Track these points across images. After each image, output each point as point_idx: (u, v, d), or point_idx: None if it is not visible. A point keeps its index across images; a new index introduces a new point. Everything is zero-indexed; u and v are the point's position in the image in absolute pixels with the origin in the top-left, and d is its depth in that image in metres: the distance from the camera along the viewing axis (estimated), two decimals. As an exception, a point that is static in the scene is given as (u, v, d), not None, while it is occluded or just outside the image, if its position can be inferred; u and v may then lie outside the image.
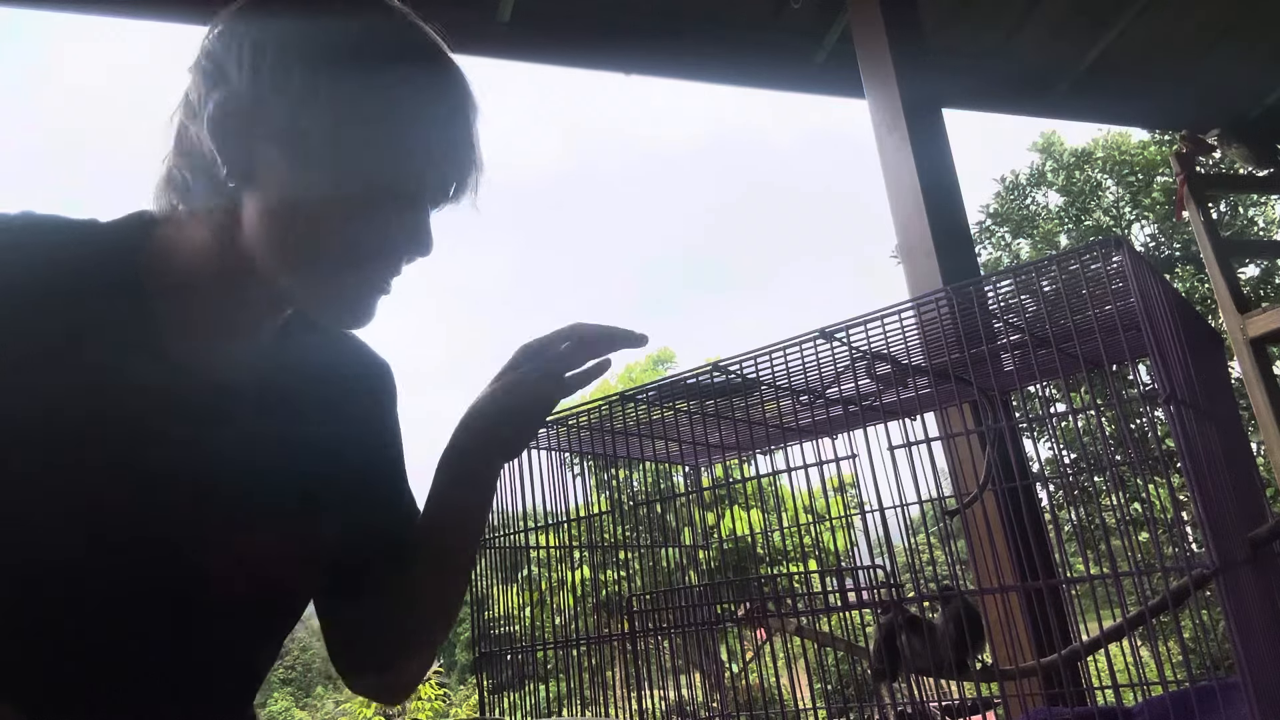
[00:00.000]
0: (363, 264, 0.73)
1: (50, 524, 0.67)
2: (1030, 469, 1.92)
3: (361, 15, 0.72)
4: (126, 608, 0.70)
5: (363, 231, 0.71)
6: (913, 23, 2.59)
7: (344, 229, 0.70)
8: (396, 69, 0.71)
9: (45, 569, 0.67)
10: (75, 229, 0.75)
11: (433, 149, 0.73)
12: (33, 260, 0.70)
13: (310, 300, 0.75)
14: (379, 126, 0.70)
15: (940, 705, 1.50)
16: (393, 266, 0.75)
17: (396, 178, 0.72)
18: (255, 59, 0.68)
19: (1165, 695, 1.23)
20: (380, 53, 0.71)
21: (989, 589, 1.41)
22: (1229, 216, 12.18)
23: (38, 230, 0.73)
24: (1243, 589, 1.04)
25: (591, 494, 1.65)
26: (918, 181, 2.34)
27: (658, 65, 3.07)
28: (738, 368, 1.34)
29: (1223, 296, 3.12)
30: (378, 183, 0.71)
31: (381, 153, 0.70)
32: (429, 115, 0.73)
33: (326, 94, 0.69)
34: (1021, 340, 1.32)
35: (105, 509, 0.69)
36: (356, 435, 0.88)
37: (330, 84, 0.69)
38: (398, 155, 0.71)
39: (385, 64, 0.71)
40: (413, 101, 0.72)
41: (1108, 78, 3.59)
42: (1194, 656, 2.66)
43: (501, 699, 1.55)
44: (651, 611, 1.52)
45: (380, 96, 0.70)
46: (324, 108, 0.69)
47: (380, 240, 0.73)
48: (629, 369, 15.18)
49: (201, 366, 0.75)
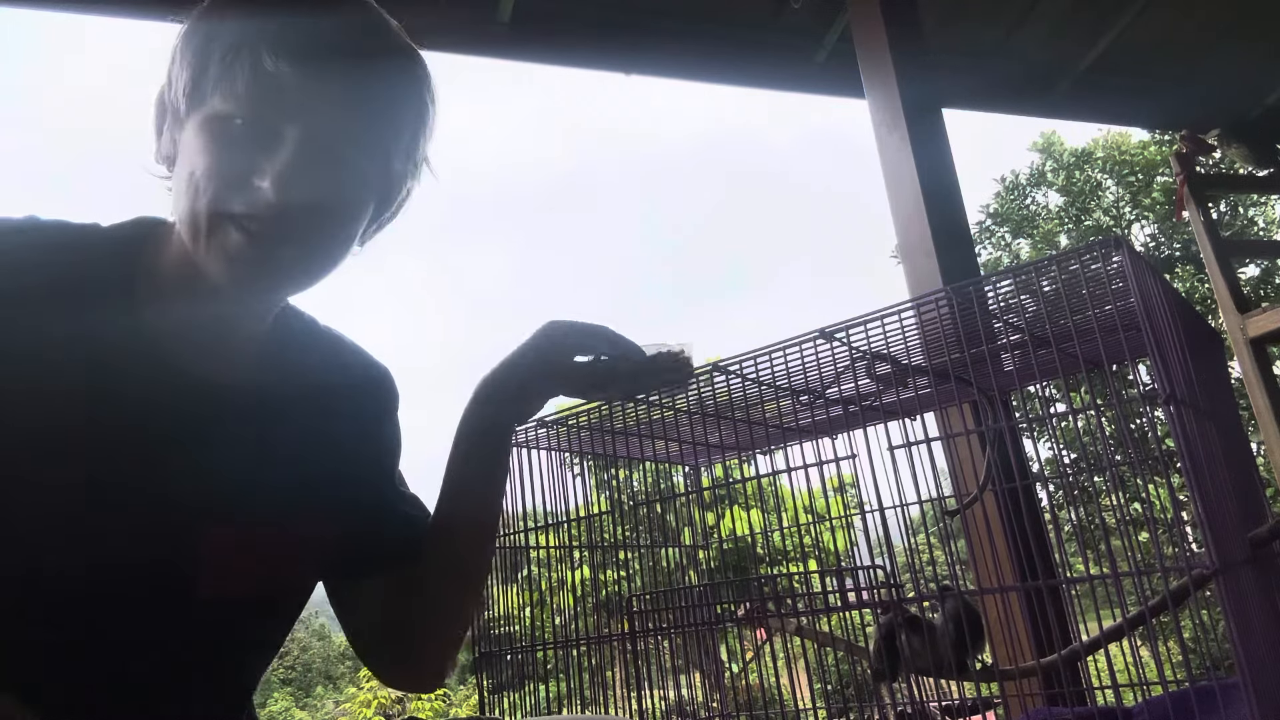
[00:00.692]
0: (227, 197, 0.69)
1: (43, 524, 0.67)
2: (1030, 469, 1.92)
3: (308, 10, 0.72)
4: (120, 608, 0.71)
5: (216, 161, 0.69)
6: (913, 23, 2.59)
7: (200, 165, 0.70)
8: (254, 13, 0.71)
9: (40, 570, 0.67)
10: (76, 233, 0.76)
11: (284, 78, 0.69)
12: (32, 263, 0.71)
13: (205, 258, 0.71)
14: (220, 61, 0.70)
15: (940, 705, 1.50)
16: (265, 205, 0.69)
17: (239, 102, 0.69)
18: (179, 53, 0.72)
19: (1165, 695, 1.23)
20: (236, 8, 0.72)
21: (989, 589, 1.41)
22: (1229, 216, 12.18)
23: (39, 234, 0.74)
24: (1243, 589, 1.04)
25: (591, 494, 1.66)
26: (918, 181, 2.34)
27: (658, 65, 3.07)
28: (738, 367, 1.34)
29: (1223, 296, 3.12)
30: (219, 112, 0.70)
31: (219, 82, 0.69)
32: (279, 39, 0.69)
33: (187, 53, 0.71)
34: (1021, 340, 1.32)
35: (96, 510, 0.69)
36: (353, 440, 0.88)
37: (191, 43, 0.71)
38: (236, 78, 0.69)
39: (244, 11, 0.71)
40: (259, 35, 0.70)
41: (1108, 78, 3.59)
42: (1194, 656, 2.66)
43: (501, 699, 1.55)
44: (651, 611, 1.52)
45: (231, 35, 0.70)
46: (184, 66, 0.71)
47: (239, 168, 0.69)
48: (629, 369, 15.18)
49: (193, 368, 0.76)
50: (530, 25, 2.77)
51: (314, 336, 0.88)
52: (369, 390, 0.92)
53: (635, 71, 3.07)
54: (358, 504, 0.87)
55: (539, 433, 1.57)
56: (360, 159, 0.74)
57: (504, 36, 2.75)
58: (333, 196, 0.73)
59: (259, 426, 0.79)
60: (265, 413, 0.80)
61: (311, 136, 0.70)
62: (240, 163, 0.69)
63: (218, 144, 0.69)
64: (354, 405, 0.89)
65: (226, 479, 0.75)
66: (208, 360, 0.77)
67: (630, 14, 2.90)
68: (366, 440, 0.91)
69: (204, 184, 0.69)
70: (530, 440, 1.57)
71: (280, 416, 0.81)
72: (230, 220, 0.69)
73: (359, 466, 0.88)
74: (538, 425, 1.55)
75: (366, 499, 0.88)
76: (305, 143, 0.70)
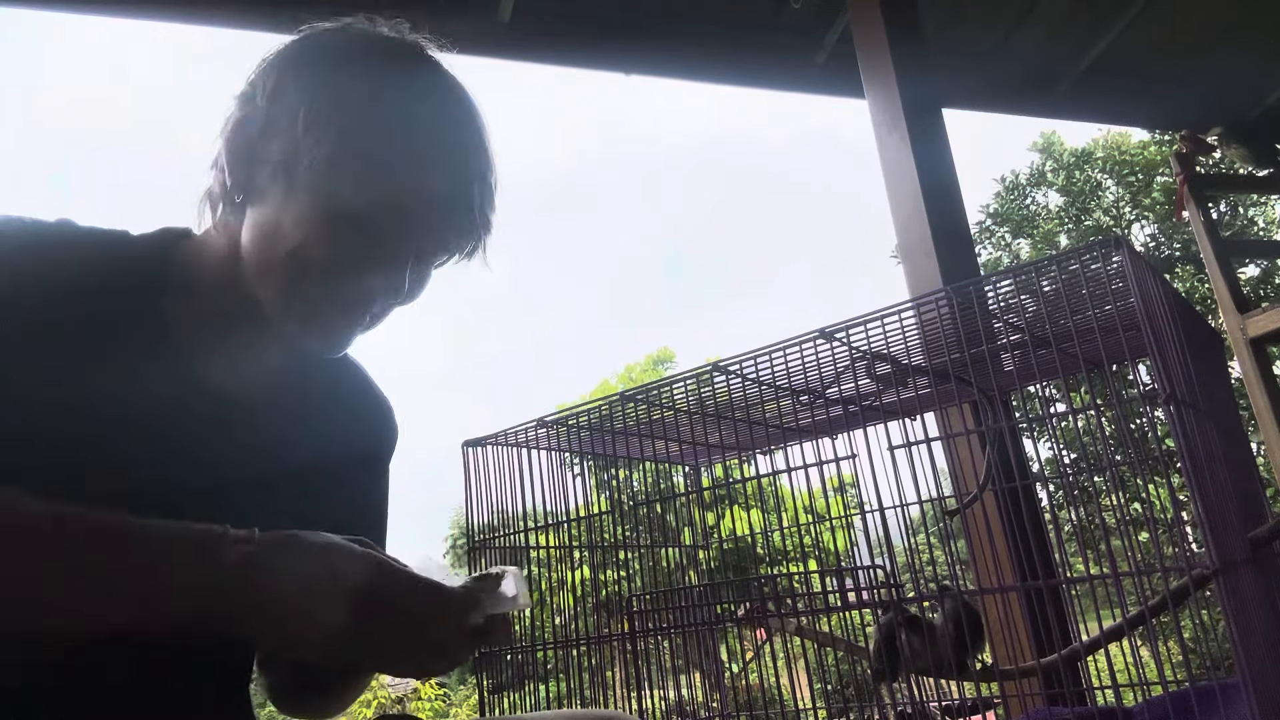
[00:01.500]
0: (336, 296, 0.75)
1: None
2: (1030, 469, 1.92)
3: (392, 66, 0.74)
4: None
5: (337, 264, 0.73)
6: (913, 23, 2.59)
7: (318, 258, 0.72)
8: (406, 122, 0.73)
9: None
10: (104, 239, 0.77)
11: (421, 204, 0.75)
12: (59, 266, 0.72)
13: (285, 318, 0.76)
14: (368, 167, 0.72)
15: (940, 705, 1.50)
16: (366, 305, 0.77)
17: (376, 220, 0.73)
18: (277, 88, 0.73)
19: (1165, 695, 1.23)
20: (393, 104, 0.73)
21: (989, 589, 1.41)
22: (1229, 216, 12.17)
23: (68, 237, 0.75)
24: (1243, 589, 1.04)
25: (591, 494, 1.65)
26: (918, 181, 2.34)
27: (658, 65, 3.07)
28: (738, 367, 1.34)
29: (1223, 296, 3.11)
30: (356, 219, 0.72)
31: (363, 192, 0.72)
32: (425, 172, 0.74)
33: (327, 128, 0.71)
34: (1021, 340, 1.32)
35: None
36: (351, 468, 0.89)
37: (332, 118, 0.71)
38: (380, 199, 0.72)
39: (395, 115, 0.73)
40: (409, 156, 0.73)
41: (1108, 78, 3.59)
42: (1194, 656, 2.66)
43: (501, 699, 1.55)
44: (651, 611, 1.52)
45: (379, 142, 0.72)
46: (322, 140, 0.71)
47: (356, 277, 0.74)
48: (629, 369, 15.18)
49: (206, 375, 0.77)
50: (530, 25, 2.77)
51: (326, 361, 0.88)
52: (375, 424, 0.94)
53: (635, 71, 3.07)
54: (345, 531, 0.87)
55: (539, 433, 1.57)
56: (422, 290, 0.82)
57: (504, 36, 2.75)
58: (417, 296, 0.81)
59: (263, 437, 0.80)
60: (271, 425, 0.81)
61: (423, 259, 0.78)
62: (363, 274, 0.74)
63: (344, 246, 0.73)
64: (359, 433, 0.91)
65: (226, 484, 0.76)
66: (218, 367, 0.78)
67: (630, 14, 2.89)
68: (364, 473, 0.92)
69: (319, 275, 0.73)
70: (530, 440, 1.57)
71: (286, 431, 0.82)
72: (350, 321, 0.76)
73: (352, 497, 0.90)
74: (538, 425, 1.55)
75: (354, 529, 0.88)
76: (418, 267, 0.77)
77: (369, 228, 0.73)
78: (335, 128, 0.71)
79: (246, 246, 0.75)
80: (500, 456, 1.57)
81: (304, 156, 0.71)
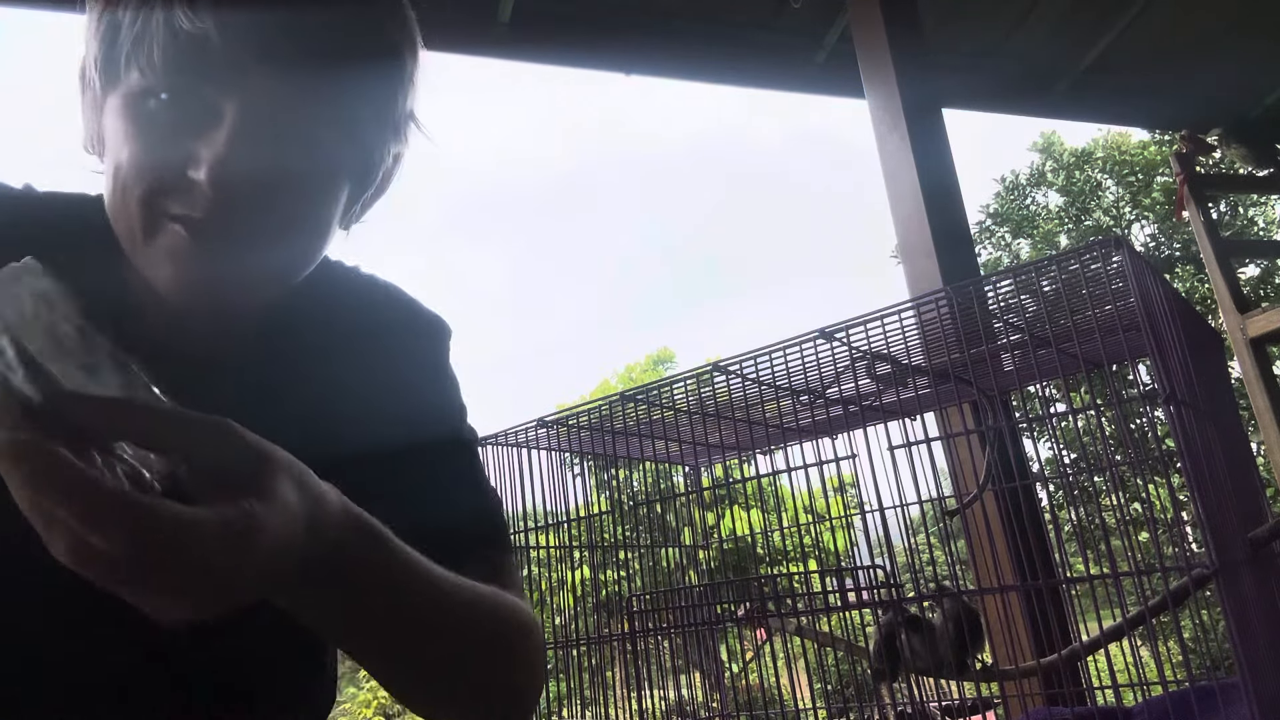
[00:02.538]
0: (155, 191, 0.60)
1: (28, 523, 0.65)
2: (1030, 469, 1.92)
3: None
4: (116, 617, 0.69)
5: (141, 149, 0.60)
6: (913, 23, 2.59)
7: (125, 157, 0.60)
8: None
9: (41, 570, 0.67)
10: (65, 201, 0.72)
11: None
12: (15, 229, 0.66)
13: (136, 260, 0.63)
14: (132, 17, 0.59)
15: (940, 705, 1.50)
16: (177, 183, 0.60)
17: (151, 56, 0.59)
18: (91, 15, 0.62)
19: (1165, 695, 1.23)
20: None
21: (989, 589, 1.41)
22: (1229, 216, 12.18)
23: (27, 201, 0.71)
24: (1243, 589, 1.04)
25: (591, 494, 1.66)
26: (918, 181, 2.34)
27: (658, 65, 3.07)
28: (738, 367, 1.34)
29: (1223, 296, 3.12)
30: (136, 75, 0.59)
31: (132, 43, 0.59)
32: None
33: (98, 28, 0.61)
34: (1021, 340, 1.32)
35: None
36: (382, 412, 0.75)
37: (110, 20, 0.60)
38: (146, 32, 0.58)
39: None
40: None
41: (1108, 78, 3.59)
42: (1194, 656, 2.66)
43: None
44: (651, 611, 1.52)
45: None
46: (95, 38, 0.61)
47: (164, 153, 0.60)
48: (629, 369, 15.17)
49: (177, 341, 0.69)
50: (530, 25, 2.77)
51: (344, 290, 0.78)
52: (408, 346, 0.80)
53: (635, 71, 3.07)
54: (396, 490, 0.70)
55: (539, 433, 1.57)
56: (317, 129, 0.62)
57: (504, 36, 2.75)
58: (286, 178, 0.61)
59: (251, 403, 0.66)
60: (262, 387, 0.72)
61: (250, 107, 0.59)
62: (168, 148, 0.59)
63: (139, 128, 0.59)
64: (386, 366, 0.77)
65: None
66: (189, 332, 0.70)
67: (630, 14, 2.90)
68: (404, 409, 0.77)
69: (131, 179, 0.59)
70: (530, 440, 1.57)
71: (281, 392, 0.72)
72: (167, 219, 0.59)
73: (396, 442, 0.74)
74: (538, 425, 1.55)
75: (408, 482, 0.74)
76: (243, 116, 0.59)
77: (153, 85, 0.59)
78: (101, 6, 0.60)
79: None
80: (500, 456, 1.57)
81: (89, 66, 0.62)
